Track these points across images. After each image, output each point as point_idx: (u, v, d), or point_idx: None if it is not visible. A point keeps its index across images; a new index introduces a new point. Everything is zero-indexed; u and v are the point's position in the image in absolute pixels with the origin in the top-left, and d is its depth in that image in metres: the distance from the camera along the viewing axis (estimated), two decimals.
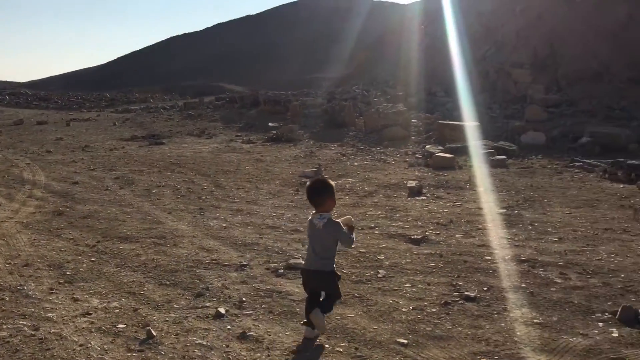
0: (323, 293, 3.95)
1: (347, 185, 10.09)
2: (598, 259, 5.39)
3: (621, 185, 9.76)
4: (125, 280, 5.15)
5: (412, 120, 19.60)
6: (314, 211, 3.93)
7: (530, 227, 6.76)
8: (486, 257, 5.53)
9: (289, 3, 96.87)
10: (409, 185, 9.45)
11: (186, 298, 4.68)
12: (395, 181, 10.56)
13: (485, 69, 28.14)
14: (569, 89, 24.92)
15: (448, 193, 9.30)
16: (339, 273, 4.01)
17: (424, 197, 8.90)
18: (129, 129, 23.48)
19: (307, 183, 4.15)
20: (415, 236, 6.37)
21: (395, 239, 6.39)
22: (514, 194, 9.06)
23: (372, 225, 6.96)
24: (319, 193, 3.91)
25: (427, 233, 6.59)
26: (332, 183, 4.01)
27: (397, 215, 7.57)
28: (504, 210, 7.75)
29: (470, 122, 17.92)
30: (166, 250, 6.10)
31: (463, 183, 10.27)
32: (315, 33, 76.08)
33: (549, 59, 26.98)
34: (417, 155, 14.51)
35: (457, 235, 6.46)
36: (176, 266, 5.54)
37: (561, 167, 12.54)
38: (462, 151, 14.42)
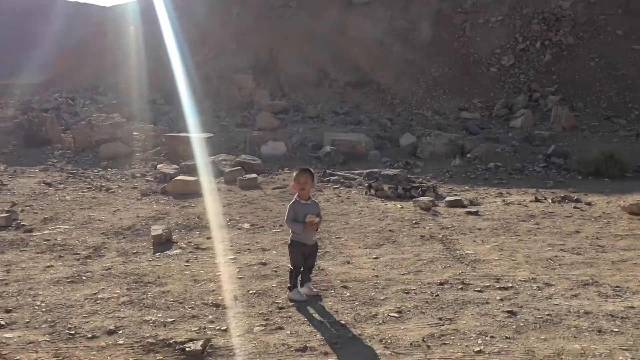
0: None
1: (59, 238, 6.91)
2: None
3: (399, 205, 8.54)
4: None
5: (134, 133, 16.55)
6: None
7: (352, 298, 4.74)
8: None
9: None
10: (153, 232, 6.74)
11: None
12: (129, 222, 7.73)
13: (207, 74, 26.22)
14: (292, 94, 24.49)
15: (208, 238, 6.87)
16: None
17: (178, 251, 6.31)
18: None
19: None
20: (191, 344, 3.82)
21: (157, 354, 3.76)
22: None
23: (113, 327, 4.17)
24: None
25: (207, 331, 4.08)
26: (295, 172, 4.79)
27: (149, 294, 4.87)
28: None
29: (203, 134, 15.72)
30: None
31: (219, 217, 7.96)
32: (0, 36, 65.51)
33: (271, 64, 26.31)
34: (148, 178, 11.72)
35: (256, 330, 4.09)
36: None
37: (317, 182, 11.14)
38: (202, 169, 12.13)
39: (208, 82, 25.52)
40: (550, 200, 8.76)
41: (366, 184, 10.04)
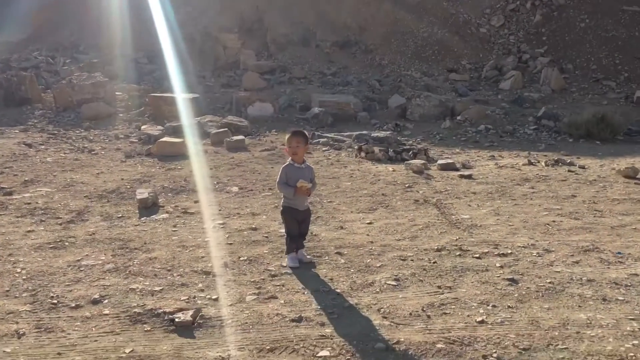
0: None
1: (40, 202, 6.66)
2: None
3: (391, 168, 8.37)
4: None
5: (117, 93, 16.10)
6: None
7: (347, 265, 4.57)
8: None
9: None
10: (138, 196, 6.50)
11: None
12: (113, 185, 7.47)
13: (190, 32, 25.52)
14: (279, 54, 23.99)
15: (196, 202, 6.66)
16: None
17: (164, 215, 6.09)
18: None
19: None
20: (181, 315, 3.64)
21: (145, 325, 3.58)
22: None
23: (97, 296, 3.98)
24: None
25: (197, 300, 3.91)
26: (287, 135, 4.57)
27: (135, 261, 4.67)
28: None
29: (188, 94, 15.31)
30: None
31: (206, 180, 7.74)
32: None
33: (257, 23, 25.67)
34: (132, 139, 11.40)
35: (248, 299, 3.93)
36: None
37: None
38: (187, 131, 11.82)
39: (191, 41, 24.86)
40: (543, 164, 8.64)
41: (356, 147, 9.83)
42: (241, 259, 4.67)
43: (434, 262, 4.51)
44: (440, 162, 8.52)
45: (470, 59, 21.50)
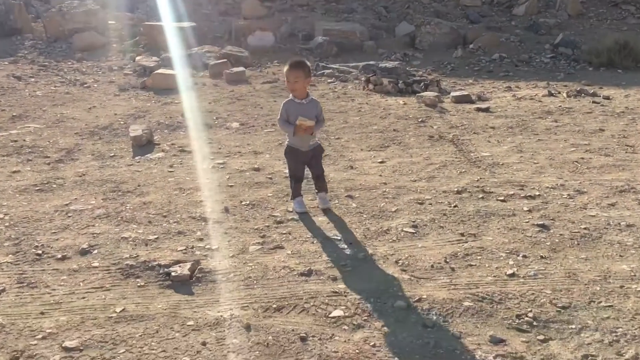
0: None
1: (27, 139, 6.23)
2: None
3: (401, 101, 7.85)
4: None
5: (110, 22, 15.31)
6: None
7: (359, 210, 4.17)
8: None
9: None
10: (132, 133, 6.05)
11: None
12: (106, 121, 7.02)
13: None
14: None
15: (193, 139, 6.21)
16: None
17: (160, 154, 5.66)
18: None
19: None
20: (177, 268, 3.28)
21: (138, 279, 3.22)
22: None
23: (86, 246, 3.61)
24: None
25: (195, 251, 3.54)
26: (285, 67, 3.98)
27: (128, 206, 4.28)
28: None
29: (184, 23, 14.58)
30: None
31: (205, 115, 7.27)
32: None
33: None
34: (126, 71, 10.84)
35: (252, 249, 3.55)
36: None
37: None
38: (184, 62, 11.22)
39: None
40: (565, 95, 8.10)
41: (364, 78, 9.27)
42: (243, 203, 4.28)
43: (454, 206, 4.10)
44: (454, 94, 7.99)
45: None
